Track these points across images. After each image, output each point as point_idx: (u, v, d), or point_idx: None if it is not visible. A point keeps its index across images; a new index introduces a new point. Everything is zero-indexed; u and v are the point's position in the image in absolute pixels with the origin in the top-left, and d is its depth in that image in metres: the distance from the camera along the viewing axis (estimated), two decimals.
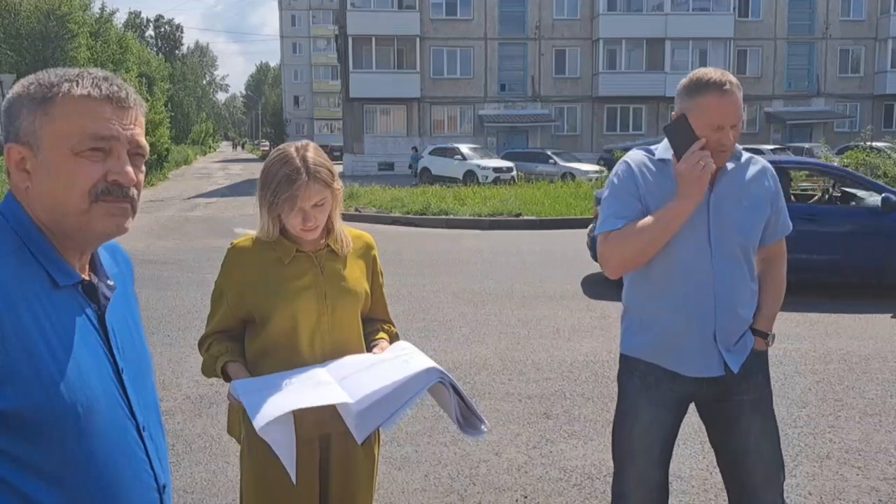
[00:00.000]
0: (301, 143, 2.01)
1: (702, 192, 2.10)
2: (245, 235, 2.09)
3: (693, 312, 2.19)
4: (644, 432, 2.27)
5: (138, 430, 1.24)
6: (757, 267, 2.31)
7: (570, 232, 13.40)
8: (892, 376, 5.25)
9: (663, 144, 2.24)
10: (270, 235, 2.02)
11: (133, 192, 1.20)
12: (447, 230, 14.35)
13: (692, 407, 2.37)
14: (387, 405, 1.78)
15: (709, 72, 2.14)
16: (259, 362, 2.00)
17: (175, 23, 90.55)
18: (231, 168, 46.87)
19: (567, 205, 16.05)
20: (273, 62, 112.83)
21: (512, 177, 25.22)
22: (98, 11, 39.09)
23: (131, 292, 1.40)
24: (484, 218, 14.87)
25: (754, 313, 2.30)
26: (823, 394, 4.90)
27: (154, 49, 75.52)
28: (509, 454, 4.00)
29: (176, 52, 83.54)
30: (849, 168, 13.72)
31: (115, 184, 1.17)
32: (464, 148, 28.16)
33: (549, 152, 28.84)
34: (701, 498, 3.49)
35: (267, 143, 79.35)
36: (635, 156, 2.28)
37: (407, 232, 14.08)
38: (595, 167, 26.95)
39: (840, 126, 37.82)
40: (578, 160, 28.43)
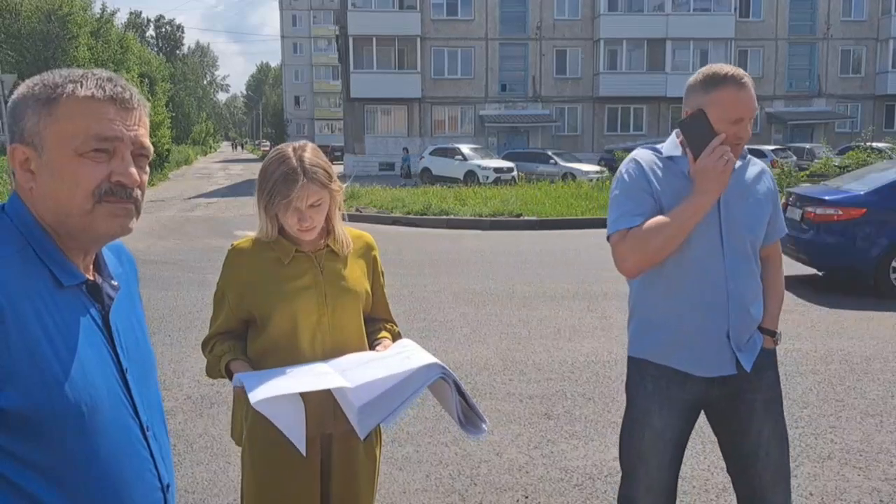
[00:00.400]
0: (299, 144, 2.01)
1: (723, 188, 2.08)
2: (245, 238, 2.10)
3: (707, 311, 2.17)
4: (656, 437, 2.25)
5: (142, 430, 1.24)
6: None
7: (571, 232, 13.41)
8: (894, 377, 5.24)
9: (670, 142, 2.23)
10: (269, 235, 2.02)
11: (137, 193, 1.20)
12: (448, 230, 14.34)
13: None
14: (389, 401, 1.79)
15: (723, 66, 2.13)
16: (260, 362, 2.01)
17: (176, 23, 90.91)
18: (231, 168, 46.87)
19: (568, 205, 16.04)
20: (274, 62, 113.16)
21: (513, 177, 25.18)
22: (99, 12, 39.20)
23: (135, 292, 1.40)
24: (485, 218, 14.86)
25: None
26: (825, 394, 4.90)
27: (155, 49, 75.71)
28: (510, 454, 4.00)
29: (177, 53, 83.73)
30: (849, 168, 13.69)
31: (119, 185, 1.17)
32: (464, 148, 28.13)
33: (550, 153, 28.80)
34: (702, 498, 3.49)
35: (267, 144, 79.36)
36: (643, 154, 2.25)
37: (407, 232, 14.07)
38: (596, 167, 26.92)
39: (841, 126, 37.81)
40: (579, 160, 28.40)
